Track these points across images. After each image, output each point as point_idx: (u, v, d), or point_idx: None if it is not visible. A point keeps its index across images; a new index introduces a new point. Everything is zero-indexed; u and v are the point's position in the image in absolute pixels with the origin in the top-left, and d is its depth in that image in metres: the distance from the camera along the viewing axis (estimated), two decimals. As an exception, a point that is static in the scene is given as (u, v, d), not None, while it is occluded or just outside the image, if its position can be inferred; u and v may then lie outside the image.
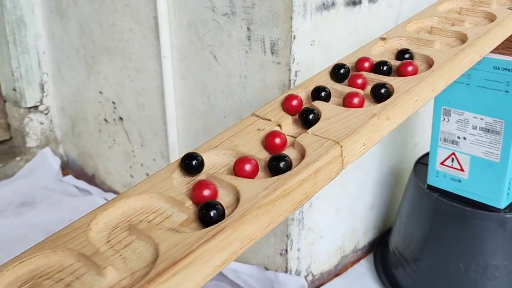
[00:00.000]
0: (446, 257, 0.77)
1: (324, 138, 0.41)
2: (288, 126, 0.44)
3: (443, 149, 0.75)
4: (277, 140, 0.41)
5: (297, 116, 0.44)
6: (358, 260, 0.95)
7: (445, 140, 0.74)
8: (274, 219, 0.36)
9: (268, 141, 0.41)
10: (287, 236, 0.80)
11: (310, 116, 0.43)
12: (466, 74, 0.68)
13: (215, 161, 0.41)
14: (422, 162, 0.85)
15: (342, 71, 0.49)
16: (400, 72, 0.49)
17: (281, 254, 0.82)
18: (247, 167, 0.39)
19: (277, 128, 0.44)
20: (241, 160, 0.39)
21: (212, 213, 0.34)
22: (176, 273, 0.31)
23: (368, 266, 0.93)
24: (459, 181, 0.74)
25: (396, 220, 0.89)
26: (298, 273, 0.84)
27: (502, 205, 0.72)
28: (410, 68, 0.48)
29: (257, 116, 0.45)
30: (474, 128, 0.70)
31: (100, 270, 0.32)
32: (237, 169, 0.39)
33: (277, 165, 0.38)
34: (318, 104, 0.45)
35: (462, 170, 0.74)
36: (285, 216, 0.38)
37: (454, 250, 0.76)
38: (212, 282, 0.88)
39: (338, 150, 0.40)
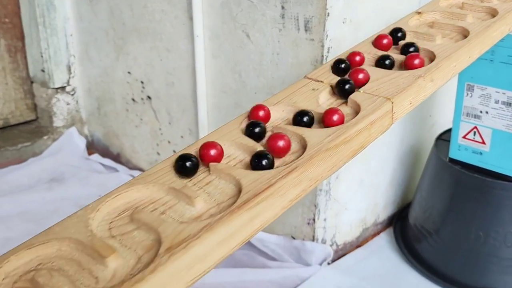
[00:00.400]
0: (466, 226, 0.81)
1: (376, 95, 0.45)
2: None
3: (466, 123, 0.79)
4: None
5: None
6: (378, 233, 0.99)
7: (467, 114, 0.78)
8: (336, 164, 0.41)
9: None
10: (315, 205, 0.84)
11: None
12: (490, 51, 0.72)
13: (276, 116, 0.45)
14: (443, 138, 0.90)
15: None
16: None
17: (308, 223, 0.87)
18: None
19: (330, 89, 0.48)
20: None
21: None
22: (259, 202, 0.35)
23: (387, 239, 0.97)
24: (481, 153, 0.79)
25: (416, 194, 0.93)
26: (323, 242, 0.88)
27: (521, 176, 0.76)
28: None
29: (310, 79, 0.50)
30: (496, 102, 0.74)
31: (191, 200, 0.36)
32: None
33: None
34: (366, 67, 0.49)
35: (483, 143, 0.78)
36: (345, 162, 0.42)
37: (474, 220, 0.80)
38: (242, 251, 0.92)
39: (390, 105, 0.44)
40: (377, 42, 0.54)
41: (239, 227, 0.34)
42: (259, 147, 0.41)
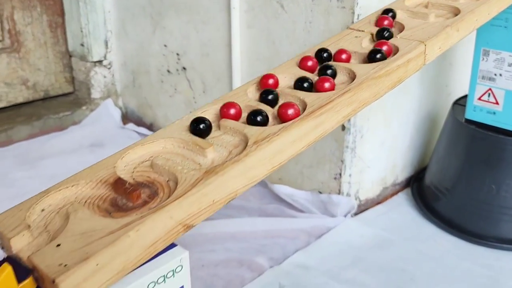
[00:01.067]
0: (480, 181, 0.89)
1: (411, 40, 0.53)
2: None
3: (481, 86, 0.87)
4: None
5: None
6: (396, 193, 1.08)
7: (483, 77, 0.86)
8: (379, 92, 0.49)
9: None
10: (341, 161, 0.93)
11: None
12: (504, 18, 0.80)
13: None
14: (459, 103, 0.98)
15: None
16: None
17: (335, 178, 0.95)
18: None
19: (370, 37, 0.56)
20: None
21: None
22: (322, 113, 0.44)
23: (405, 198, 1.06)
24: (494, 113, 0.87)
25: (432, 156, 1.02)
26: (348, 196, 0.96)
27: (531, 133, 0.84)
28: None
29: (352, 29, 0.58)
30: (510, 65, 0.82)
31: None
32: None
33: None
34: (402, 19, 0.58)
35: (497, 103, 0.86)
36: (386, 91, 0.50)
37: (487, 174, 0.88)
38: (272, 205, 1.01)
39: (423, 47, 0.52)
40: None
41: (307, 131, 0.43)
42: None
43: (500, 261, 0.87)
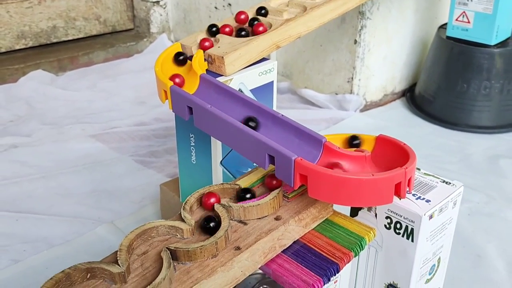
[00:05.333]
0: (455, 82, 1.21)
1: None
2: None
3: (458, 10, 1.18)
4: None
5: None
6: (394, 100, 1.40)
7: (459, 3, 1.17)
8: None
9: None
10: (353, 68, 1.25)
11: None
12: (475, -43, 1.10)
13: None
14: (443, 27, 1.29)
15: None
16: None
17: (348, 81, 1.27)
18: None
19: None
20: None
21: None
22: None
23: (401, 103, 1.38)
24: (467, 30, 1.18)
25: (422, 69, 1.33)
26: (357, 95, 1.29)
27: (492, 43, 1.16)
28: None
29: None
30: (478, -8, 1.13)
31: None
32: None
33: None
34: None
35: (468, 22, 1.17)
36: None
37: (461, 76, 1.20)
38: (300, 105, 1.33)
39: None
40: None
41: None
42: None
43: (468, 138, 1.19)
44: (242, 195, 0.51)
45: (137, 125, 1.21)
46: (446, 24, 1.30)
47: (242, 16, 0.73)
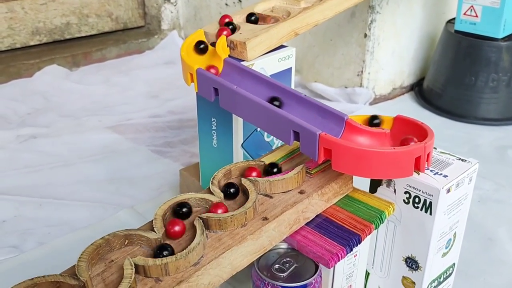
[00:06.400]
0: (463, 75, 1.24)
1: None
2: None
3: (466, 4, 1.20)
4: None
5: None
6: (403, 94, 1.42)
7: (467, -3, 1.20)
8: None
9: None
10: (363, 61, 1.27)
11: None
12: (482, -48, 1.13)
13: None
14: (451, 22, 1.31)
15: None
16: None
17: (358, 75, 1.30)
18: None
19: None
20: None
21: None
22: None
23: (409, 97, 1.40)
24: (475, 24, 1.20)
25: (430, 64, 1.36)
26: (367, 89, 1.31)
27: (500, 36, 1.18)
28: None
29: None
30: (485, -13, 1.16)
31: None
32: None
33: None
34: None
35: (476, 16, 1.19)
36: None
37: (469, 69, 1.22)
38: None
39: None
40: None
41: None
42: None
43: (476, 130, 1.22)
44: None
45: (151, 117, 1.23)
46: (454, 18, 1.32)
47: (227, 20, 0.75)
